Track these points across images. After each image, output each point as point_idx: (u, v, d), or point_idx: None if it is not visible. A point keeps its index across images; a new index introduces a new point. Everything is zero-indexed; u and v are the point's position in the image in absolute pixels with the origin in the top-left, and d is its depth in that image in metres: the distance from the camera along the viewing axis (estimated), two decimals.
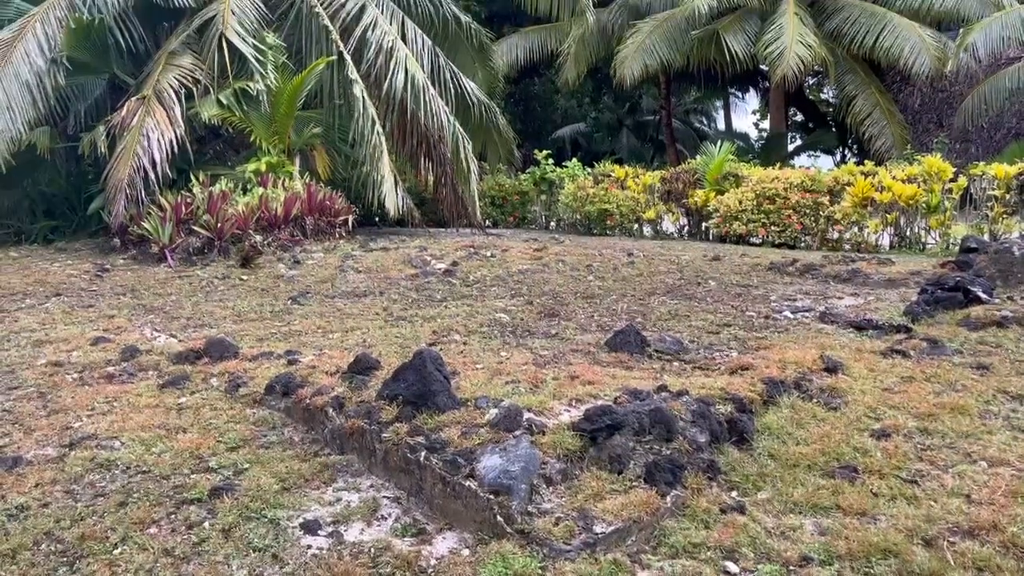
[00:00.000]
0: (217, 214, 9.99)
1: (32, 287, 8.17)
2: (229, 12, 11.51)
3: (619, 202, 13.54)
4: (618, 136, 35.28)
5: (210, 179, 11.06)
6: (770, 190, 11.68)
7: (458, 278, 8.38)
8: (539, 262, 9.10)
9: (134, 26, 11.73)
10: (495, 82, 17.54)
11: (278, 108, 11.47)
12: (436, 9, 15.21)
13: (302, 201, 10.80)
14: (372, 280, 8.51)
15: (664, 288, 7.54)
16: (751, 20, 18.78)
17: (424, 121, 12.66)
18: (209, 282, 8.66)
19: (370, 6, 12.89)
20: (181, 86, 11.05)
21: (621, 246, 10.77)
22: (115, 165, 10.38)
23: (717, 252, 10.12)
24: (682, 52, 19.40)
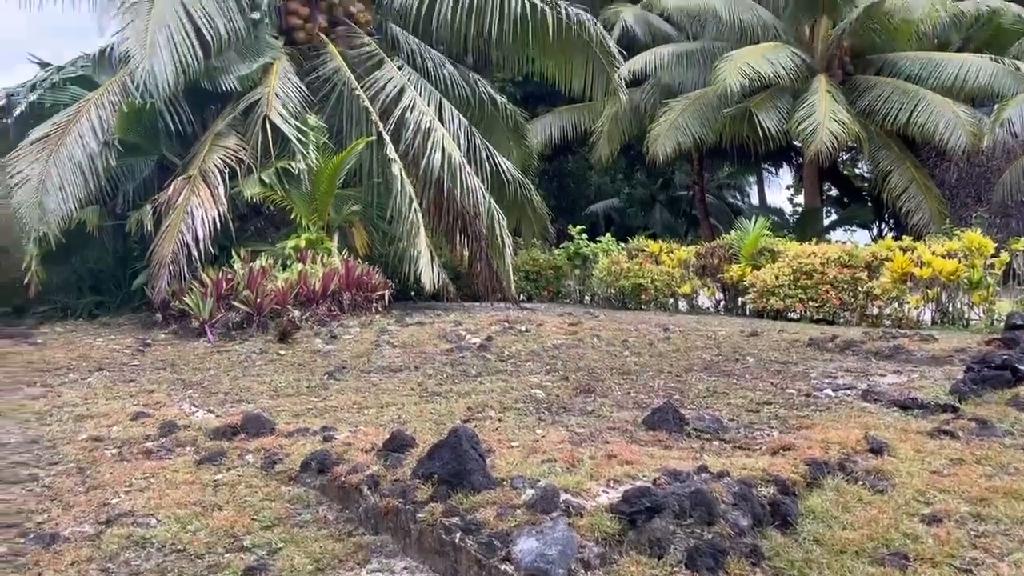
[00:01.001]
0: (257, 290, 10.16)
1: (76, 362, 8.32)
2: (273, 95, 11.95)
3: (654, 277, 13.54)
4: (651, 211, 35.50)
5: (251, 255, 11.29)
6: (807, 265, 11.62)
7: (493, 353, 8.37)
8: (574, 337, 9.07)
9: (183, 109, 12.18)
10: (530, 159, 17.87)
11: (318, 186, 11.75)
12: (473, 91, 15.66)
13: (340, 277, 10.95)
14: (407, 355, 8.53)
15: (701, 364, 7.46)
16: (783, 98, 18.99)
17: (460, 198, 12.87)
18: (247, 357, 8.75)
19: (409, 88, 13.30)
20: (226, 166, 11.41)
21: (656, 321, 10.72)
22: (160, 242, 10.66)
23: (754, 328, 10.02)
24: (714, 129, 19.62)
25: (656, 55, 20.32)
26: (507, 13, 13.68)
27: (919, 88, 18.12)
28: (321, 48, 13.62)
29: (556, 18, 13.68)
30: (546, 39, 13.99)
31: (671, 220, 35.40)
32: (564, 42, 14.17)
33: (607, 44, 14.17)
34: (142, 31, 10.34)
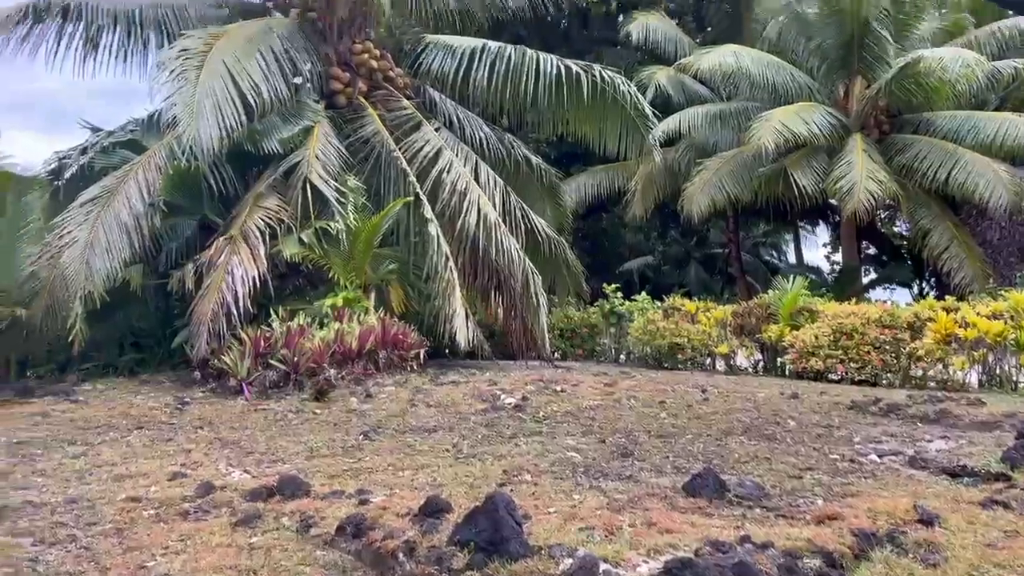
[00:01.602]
0: (294, 348, 10.24)
1: (116, 419, 8.42)
2: (314, 157, 12.21)
3: (690, 336, 13.42)
4: (686, 269, 35.33)
5: (289, 313, 11.42)
6: (847, 325, 11.44)
7: (528, 414, 8.30)
8: (610, 397, 8.98)
9: (225, 171, 12.48)
10: (564, 218, 17.95)
11: (356, 246, 11.91)
12: (508, 152, 15.87)
13: (376, 335, 11.01)
14: (442, 415, 8.50)
15: (741, 427, 7.33)
16: (818, 157, 18.95)
17: (495, 257, 12.95)
18: (284, 416, 8.78)
19: (446, 150, 13.52)
20: (266, 226, 11.62)
21: (694, 381, 10.58)
22: (200, 301, 10.83)
23: (795, 389, 9.84)
24: (749, 188, 19.60)
25: (690, 115, 20.48)
26: (542, 76, 13.91)
27: (957, 147, 17.98)
28: (361, 111, 13.93)
29: (591, 81, 13.87)
30: (580, 101, 14.18)
31: (706, 278, 35.16)
32: (599, 104, 14.33)
33: (641, 105, 14.31)
34: (189, 97, 10.67)
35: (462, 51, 14.39)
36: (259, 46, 12.19)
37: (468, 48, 14.36)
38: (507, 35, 19.27)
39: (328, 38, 14.27)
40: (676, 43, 23.16)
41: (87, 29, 13.80)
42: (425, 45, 14.79)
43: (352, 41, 14.43)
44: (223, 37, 11.81)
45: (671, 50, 22.93)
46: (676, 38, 23.32)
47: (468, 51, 14.32)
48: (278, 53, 12.54)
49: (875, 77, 19.16)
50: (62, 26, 13.62)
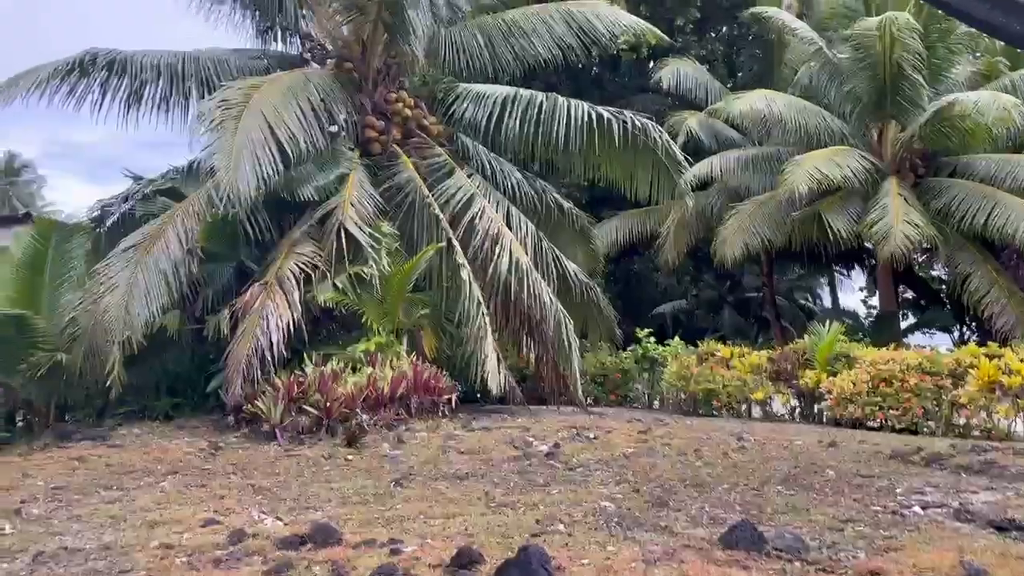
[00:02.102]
0: (327, 393, 10.28)
1: (151, 464, 8.48)
2: (349, 204, 12.39)
3: (725, 382, 13.25)
4: (720, 313, 35.03)
5: (323, 358, 11.48)
6: (885, 372, 11.21)
7: (560, 461, 8.22)
8: (644, 445, 8.86)
9: (262, 218, 12.69)
10: (596, 262, 17.96)
11: (389, 291, 12.00)
12: (540, 197, 15.97)
13: (408, 380, 11.02)
14: (474, 462, 8.45)
15: (779, 477, 7.18)
16: (853, 200, 18.78)
17: (527, 302, 12.96)
18: (316, 461, 8.78)
19: (478, 196, 13.64)
20: (301, 271, 11.77)
21: (729, 429, 10.42)
22: (235, 346, 10.95)
23: (833, 437, 9.63)
24: (783, 231, 19.44)
25: (722, 160, 20.47)
26: (573, 123, 14.05)
27: (996, 190, 17.73)
28: (395, 159, 14.15)
29: (621, 127, 13.97)
30: (612, 147, 14.27)
31: (740, 322, 34.79)
32: (629, 149, 14.42)
33: (672, 151, 14.37)
34: (228, 146, 10.91)
35: (494, 99, 14.61)
36: (296, 96, 12.46)
37: (500, 96, 14.58)
38: (539, 82, 19.50)
39: (363, 88, 14.58)
40: (707, 88, 23.25)
41: (131, 82, 14.22)
42: (458, 94, 15.03)
43: (387, 90, 14.72)
44: (261, 88, 12.10)
45: (702, 95, 23.02)
46: (707, 84, 23.41)
47: (500, 99, 14.53)
48: (314, 103, 12.81)
49: (909, 121, 19.05)
50: (107, 79, 14.06)
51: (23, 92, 13.47)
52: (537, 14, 15.91)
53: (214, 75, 14.24)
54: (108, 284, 11.51)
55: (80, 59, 13.69)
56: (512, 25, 15.76)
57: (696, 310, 34.78)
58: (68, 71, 13.73)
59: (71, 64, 13.68)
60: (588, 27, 15.77)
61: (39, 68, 13.65)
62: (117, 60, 13.85)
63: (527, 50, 15.82)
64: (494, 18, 15.97)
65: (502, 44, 15.74)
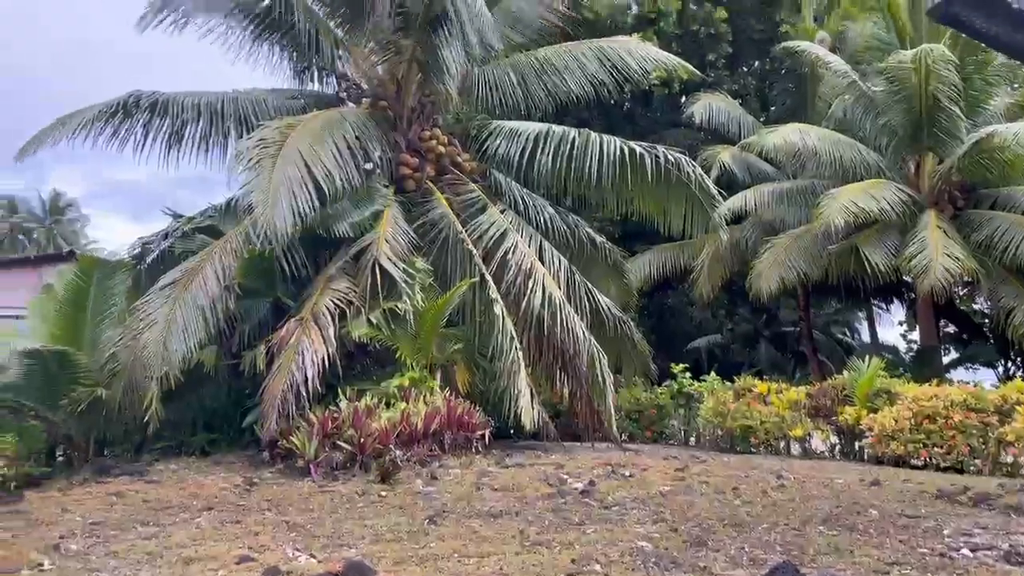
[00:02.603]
0: (360, 429, 10.29)
1: (187, 500, 8.52)
2: (383, 240, 12.50)
3: (763, 418, 13.02)
4: (756, 348, 34.60)
5: (356, 393, 11.51)
6: (929, 409, 10.95)
7: (596, 499, 8.11)
8: (681, 483, 8.72)
9: (298, 254, 12.85)
10: (629, 297, 17.87)
11: (423, 326, 12.03)
12: (572, 232, 15.99)
13: (441, 416, 11.00)
14: (508, 499, 8.36)
15: (820, 516, 7.00)
16: (890, 234, 18.55)
17: (560, 337, 12.93)
18: (350, 498, 8.76)
19: (511, 231, 13.70)
20: (336, 307, 11.86)
21: (768, 466, 10.21)
22: (271, 381, 11.02)
23: (876, 475, 9.40)
24: (819, 265, 19.23)
25: (755, 193, 20.39)
26: (606, 158, 14.08)
27: None
28: (429, 195, 14.28)
29: (654, 161, 13.97)
30: (644, 181, 14.26)
31: (777, 357, 34.32)
32: (662, 184, 14.39)
33: (706, 185, 14.32)
34: (265, 184, 11.09)
35: (527, 135, 14.71)
36: (332, 134, 12.67)
37: (533, 132, 14.68)
38: (571, 118, 19.62)
39: (398, 126, 14.79)
40: (740, 123, 23.24)
41: (172, 123, 14.58)
42: (491, 131, 15.17)
43: (421, 128, 14.92)
44: (298, 126, 12.32)
45: (735, 130, 23.01)
46: (739, 118, 23.41)
47: (533, 135, 14.63)
48: (350, 140, 13.00)
49: (947, 153, 18.83)
50: (149, 120, 14.44)
51: (69, 133, 13.88)
52: (570, 51, 16.07)
53: (252, 115, 14.55)
54: (147, 320, 11.68)
55: (124, 101, 14.07)
56: (545, 63, 15.93)
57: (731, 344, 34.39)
58: (112, 113, 14.12)
59: (115, 106, 14.06)
60: (620, 64, 15.89)
61: (85, 110, 14.06)
62: (159, 101, 14.21)
63: (559, 87, 15.96)
64: (527, 56, 16.14)
65: (535, 81, 15.91)
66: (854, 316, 38.89)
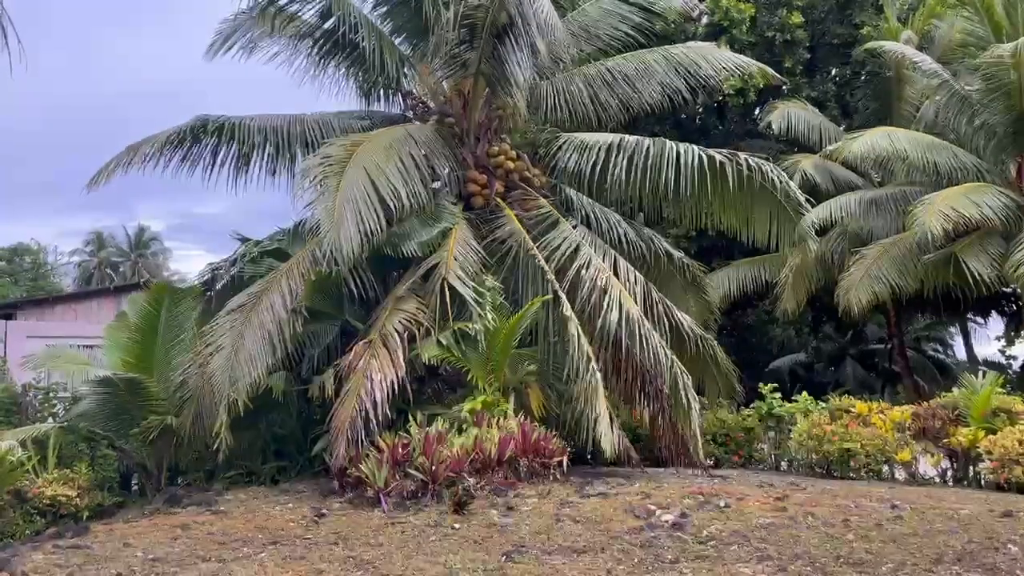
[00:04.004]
0: (432, 456, 9.76)
1: (252, 533, 8.12)
2: (452, 259, 12.05)
3: (864, 441, 12.00)
4: (842, 367, 33.14)
5: (427, 418, 11.02)
6: None
7: (689, 533, 7.37)
8: (783, 514, 7.88)
9: (365, 275, 12.50)
10: (709, 314, 17.02)
11: (495, 347, 11.50)
12: (648, 247, 15.27)
13: (516, 441, 10.40)
14: (591, 533, 7.70)
15: (952, 554, 6.15)
16: (993, 240, 17.25)
17: (639, 356, 12.23)
18: (421, 531, 8.24)
19: (584, 246, 13.09)
20: (405, 329, 11.44)
21: (876, 495, 9.26)
22: (339, 407, 10.64)
23: (1007, 506, 8.36)
24: (914, 277, 18.02)
25: (841, 203, 19.30)
26: (683, 167, 13.38)
27: None
28: (498, 212, 13.80)
29: (735, 169, 13.22)
30: (725, 190, 13.53)
31: (864, 376, 32.74)
32: (745, 192, 13.65)
33: (792, 191, 13.48)
34: (330, 204, 10.78)
35: (598, 147, 14.12)
36: (398, 151, 12.33)
37: (604, 143, 14.09)
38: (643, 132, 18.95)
39: (465, 142, 14.37)
40: (821, 130, 22.19)
41: (240, 147, 14.50)
42: (560, 144, 14.64)
43: (488, 144, 14.47)
44: (364, 143, 12.03)
45: (815, 138, 21.99)
46: (820, 125, 22.36)
47: (605, 146, 14.03)
48: (416, 158, 12.64)
49: None
50: (217, 145, 14.40)
51: (140, 159, 13.92)
52: (642, 59, 15.47)
53: (318, 136, 14.34)
54: (215, 346, 11.49)
55: (192, 126, 14.05)
56: (616, 72, 15.34)
57: (816, 363, 32.99)
58: (181, 139, 14.11)
59: (183, 132, 14.05)
60: (695, 70, 15.22)
61: (153, 137, 14.09)
62: (226, 126, 14.14)
63: (632, 97, 15.36)
64: (597, 66, 15.60)
65: (606, 92, 15.33)
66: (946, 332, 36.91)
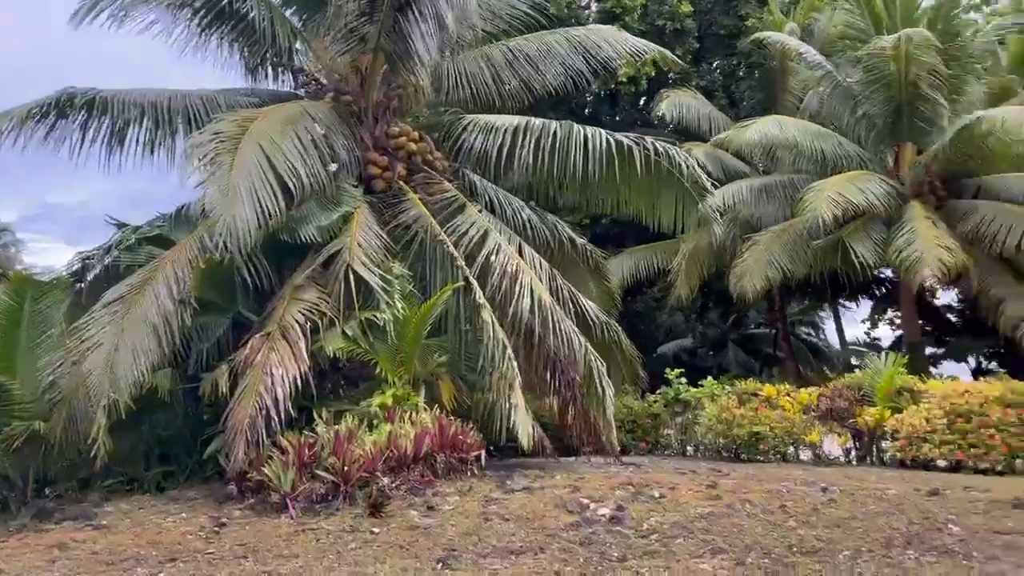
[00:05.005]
0: (344, 456, 9.06)
1: (144, 550, 7.24)
2: (356, 245, 11.32)
3: (773, 424, 12.11)
4: (724, 351, 34.07)
5: (333, 415, 10.28)
6: (961, 406, 10.15)
7: (629, 527, 7.05)
8: (719, 502, 7.67)
9: (260, 263, 11.59)
10: (611, 301, 16.91)
11: (405, 337, 10.87)
12: (552, 233, 14.96)
13: (433, 437, 9.83)
14: (525, 531, 7.26)
15: (901, 537, 6.07)
16: (876, 227, 17.95)
17: (552, 344, 11.88)
18: (338, 537, 7.59)
19: (493, 231, 12.62)
20: (306, 320, 10.64)
21: (799, 478, 9.25)
22: (236, 405, 9.74)
23: (924, 483, 8.49)
24: (804, 262, 18.54)
25: (733, 190, 19.59)
26: (591, 151, 13.07)
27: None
28: (401, 196, 13.11)
29: (643, 154, 13.03)
30: (633, 175, 13.31)
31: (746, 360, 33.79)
32: (652, 177, 13.45)
33: (697, 174, 13.39)
34: (224, 183, 9.85)
35: (504, 129, 13.62)
36: (295, 128, 11.47)
37: (511, 125, 13.61)
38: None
39: (364, 121, 13.59)
40: (710, 119, 22.60)
41: (113, 123, 13.17)
42: (465, 125, 14.09)
43: (387, 124, 13.75)
44: (258, 119, 11.09)
45: (705, 127, 22.36)
46: (709, 114, 22.76)
47: (511, 128, 13.55)
48: (315, 136, 11.81)
49: (928, 143, 18.35)
50: (87, 120, 13.02)
51: None
52: (543, 40, 15.13)
53: (203, 113, 13.22)
54: (90, 342, 10.35)
55: (57, 99, 12.63)
56: (518, 52, 14.96)
57: (699, 349, 33.77)
58: (44, 113, 12.66)
59: (47, 105, 12.61)
60: (596, 51, 15.04)
61: (12, 111, 12.58)
62: (97, 99, 12.80)
63: (534, 77, 15.00)
64: (499, 46, 15.13)
65: (508, 72, 14.92)
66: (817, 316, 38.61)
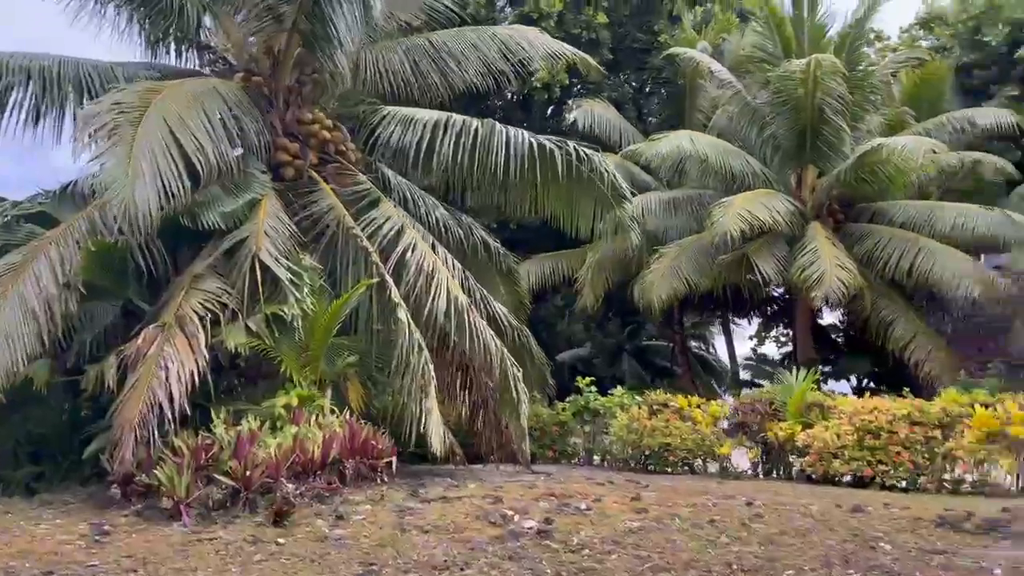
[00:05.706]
0: (245, 459, 8.37)
1: (15, 561, 6.39)
2: (263, 234, 10.59)
3: (684, 435, 12.08)
4: (619, 362, 34.43)
5: (232, 416, 9.52)
6: (870, 423, 10.34)
7: (558, 541, 6.71)
8: (647, 516, 7.45)
9: (156, 248, 10.72)
10: (522, 307, 16.64)
11: (314, 334, 10.22)
12: (466, 235, 14.53)
13: (342, 441, 9.24)
14: (447, 544, 6.82)
15: (837, 556, 5.96)
16: (779, 245, 18.39)
17: (467, 347, 11.47)
18: (239, 548, 6.93)
19: (409, 228, 12.11)
20: (206, 312, 9.84)
21: (718, 491, 9.17)
22: (125, 401, 8.87)
23: (842, 499, 8.53)
24: (709, 276, 18.83)
25: (642, 202, 19.61)
26: (513, 152, 12.74)
27: (918, 236, 17.80)
28: (312, 186, 12.43)
29: (565, 158, 12.80)
30: (554, 178, 13.05)
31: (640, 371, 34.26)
32: (572, 182, 13.25)
33: (617, 182, 13.28)
34: (124, 157, 8.98)
35: (424, 123, 13.10)
36: (203, 104, 10.65)
37: (431, 120, 13.10)
38: None
39: (275, 105, 12.82)
40: (620, 131, 22.80)
41: None
42: (382, 116, 13.49)
43: (300, 110, 13.02)
44: (163, 91, 10.23)
45: (616, 138, 22.51)
46: (620, 126, 22.96)
47: (431, 123, 13.03)
48: (224, 115, 11.03)
49: (829, 166, 18.96)
50: None
51: None
52: (465, 36, 14.70)
53: (98, 83, 12.16)
54: None
55: None
56: (439, 45, 14.45)
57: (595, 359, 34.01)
58: None
59: None
60: (519, 51, 14.67)
61: None
62: None
63: (455, 73, 14.51)
64: (420, 38, 14.61)
65: (428, 65, 14.38)
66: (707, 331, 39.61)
